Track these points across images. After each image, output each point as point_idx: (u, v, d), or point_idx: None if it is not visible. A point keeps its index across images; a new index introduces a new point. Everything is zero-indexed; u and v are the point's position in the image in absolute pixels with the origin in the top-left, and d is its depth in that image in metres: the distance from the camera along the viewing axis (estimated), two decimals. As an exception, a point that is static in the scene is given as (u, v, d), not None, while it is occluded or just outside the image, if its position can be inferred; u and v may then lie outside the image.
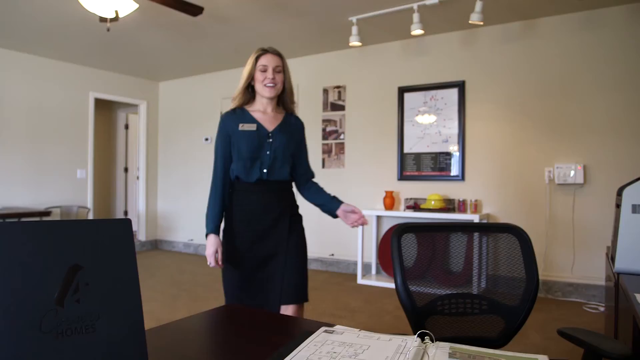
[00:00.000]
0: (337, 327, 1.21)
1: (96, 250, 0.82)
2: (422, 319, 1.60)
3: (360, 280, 5.18)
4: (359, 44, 4.72)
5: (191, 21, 4.62)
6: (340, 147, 5.80)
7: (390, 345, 1.08)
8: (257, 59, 2.12)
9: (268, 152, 2.11)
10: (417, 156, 5.26)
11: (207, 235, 2.17)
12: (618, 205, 2.16)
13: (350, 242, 5.54)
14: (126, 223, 0.87)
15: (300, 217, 2.27)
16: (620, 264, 2.05)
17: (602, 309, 4.04)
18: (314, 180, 2.36)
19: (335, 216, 2.26)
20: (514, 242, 1.60)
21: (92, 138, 6.74)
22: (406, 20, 4.45)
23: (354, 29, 4.62)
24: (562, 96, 4.52)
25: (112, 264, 0.83)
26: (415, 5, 4.25)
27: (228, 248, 2.17)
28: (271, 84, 2.09)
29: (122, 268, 0.84)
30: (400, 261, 1.62)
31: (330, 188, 6.02)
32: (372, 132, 5.58)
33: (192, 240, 7.26)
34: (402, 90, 5.35)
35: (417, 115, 5.29)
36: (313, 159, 6.03)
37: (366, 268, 5.47)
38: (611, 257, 2.34)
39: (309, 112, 6.03)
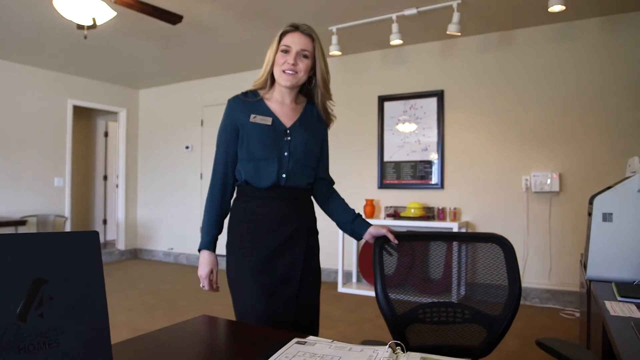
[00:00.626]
0: (310, 338, 1.21)
1: (62, 264, 0.81)
2: (402, 327, 1.61)
3: (341, 289, 5.19)
4: (339, 53, 4.76)
5: (171, 29, 4.61)
6: (321, 155, 5.81)
7: (361, 356, 1.08)
8: (281, 37, 1.71)
9: (286, 154, 1.70)
10: (397, 164, 5.30)
11: (200, 250, 1.78)
12: (590, 214, 2.20)
13: (331, 250, 5.54)
14: (93, 236, 0.86)
15: (317, 234, 1.86)
16: (591, 272, 2.09)
17: (578, 314, 4.11)
18: (333, 185, 1.96)
19: (360, 239, 1.86)
20: (498, 252, 1.61)
21: (70, 145, 6.65)
22: (385, 30, 4.50)
23: (334, 39, 4.66)
24: (538, 105, 4.61)
25: (78, 278, 0.83)
26: (394, 16, 4.30)
27: (231, 269, 1.77)
28: (290, 71, 1.68)
29: (88, 281, 0.84)
30: (380, 269, 1.64)
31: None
32: (353, 141, 5.61)
33: (172, 249, 7.19)
34: (382, 99, 5.40)
35: (397, 124, 5.34)
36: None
37: (347, 276, 5.48)
38: (584, 265, 2.39)
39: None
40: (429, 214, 4.95)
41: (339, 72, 5.75)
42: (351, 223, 1.84)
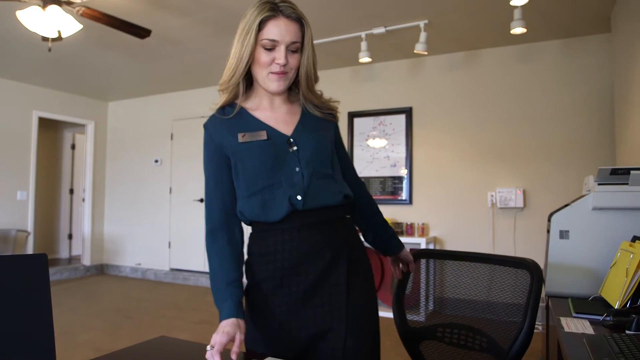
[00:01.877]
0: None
1: (8, 287, 0.79)
2: (416, 342, 1.63)
3: (310, 304, 5.16)
4: (309, 69, 4.79)
5: (140, 42, 4.58)
6: (292, 170, 5.82)
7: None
8: (260, 24, 1.26)
9: (298, 169, 1.30)
10: (367, 180, 5.35)
11: (221, 320, 1.21)
12: (548, 231, 2.27)
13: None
14: (41, 258, 0.85)
15: (364, 257, 1.41)
16: (549, 287, 2.15)
17: (541, 328, 4.18)
18: (364, 189, 1.55)
19: (384, 254, 1.61)
20: (525, 279, 1.51)
21: (34, 158, 6.49)
22: (355, 48, 4.57)
23: (304, 55, 4.69)
24: (502, 123, 4.73)
25: (24, 302, 0.81)
26: (363, 34, 4.37)
27: (250, 327, 1.32)
28: (281, 74, 1.29)
29: (35, 305, 0.82)
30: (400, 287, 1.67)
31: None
32: (323, 156, 5.63)
33: (139, 264, 7.05)
34: (352, 115, 5.46)
35: (367, 139, 5.40)
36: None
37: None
38: (543, 280, 2.45)
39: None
40: (397, 229, 4.99)
41: (309, 87, 5.79)
42: (383, 240, 1.56)
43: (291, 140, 1.32)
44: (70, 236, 8.32)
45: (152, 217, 6.97)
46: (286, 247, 1.28)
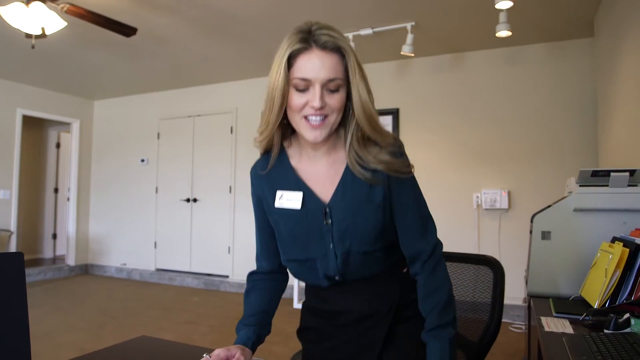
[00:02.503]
0: (255, 358, 1.21)
1: (-18, 287, 0.78)
2: None
3: (296, 305, 5.16)
4: (296, 69, 4.79)
5: (126, 40, 4.54)
6: (279, 170, 5.81)
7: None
8: (290, 59, 1.08)
9: (331, 245, 1.16)
10: (354, 180, 5.35)
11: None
12: (531, 232, 2.30)
13: (288, 265, 5.53)
14: (18, 257, 0.84)
15: (415, 319, 1.21)
16: (531, 287, 2.17)
17: (524, 328, 4.23)
18: (424, 263, 1.19)
19: None
20: (487, 275, 1.60)
21: (18, 156, 6.40)
22: (342, 49, 4.57)
23: (292, 55, 4.69)
24: (488, 125, 4.78)
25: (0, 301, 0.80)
26: (350, 35, 4.38)
27: None
28: (317, 118, 1.09)
29: (10, 305, 0.81)
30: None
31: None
32: (311, 156, 5.63)
33: (124, 264, 6.99)
34: (340, 116, 5.46)
35: (354, 140, 5.40)
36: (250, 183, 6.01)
37: (302, 292, 5.45)
38: (526, 280, 2.48)
39: (249, 136, 6.03)
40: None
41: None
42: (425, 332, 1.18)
43: (327, 210, 1.16)
44: (54, 236, 8.22)
45: (138, 217, 6.91)
46: (323, 302, 1.25)
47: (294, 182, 1.18)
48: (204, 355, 1.08)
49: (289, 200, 1.17)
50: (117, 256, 7.10)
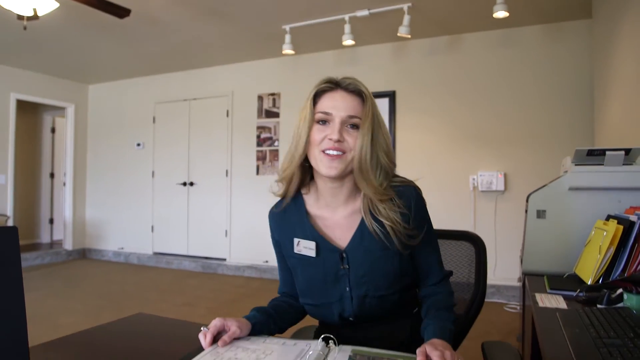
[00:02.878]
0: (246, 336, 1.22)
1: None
2: None
3: (294, 287, 5.19)
4: (292, 52, 4.76)
5: (120, 22, 4.49)
6: (275, 154, 5.81)
7: (294, 350, 1.09)
8: (315, 98, 1.20)
9: (348, 289, 1.21)
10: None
11: None
12: (526, 211, 2.31)
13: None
14: (12, 231, 0.84)
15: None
16: (526, 266, 2.19)
17: (519, 308, 4.27)
18: (437, 285, 1.28)
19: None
20: (469, 250, 1.64)
21: (12, 141, 6.37)
22: (338, 31, 4.54)
23: (287, 37, 4.66)
24: (484, 107, 4.77)
25: (-6, 276, 0.80)
26: (346, 17, 4.34)
27: None
28: (334, 151, 1.14)
29: (5, 280, 0.81)
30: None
31: (265, 195, 6.01)
32: (307, 140, 5.62)
33: (122, 248, 7.00)
34: (336, 99, 5.43)
35: (350, 123, 5.39)
36: (247, 166, 6.06)
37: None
38: (521, 259, 2.50)
39: (245, 120, 6.01)
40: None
41: (292, 71, 5.76)
42: (424, 327, 1.19)
43: (344, 255, 1.20)
44: (51, 221, 8.22)
45: (135, 201, 6.91)
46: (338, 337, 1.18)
47: (309, 231, 1.23)
48: (202, 328, 1.09)
49: (305, 247, 1.22)
50: (114, 240, 7.12)
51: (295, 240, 1.24)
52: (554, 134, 4.48)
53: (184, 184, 6.46)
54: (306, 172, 1.24)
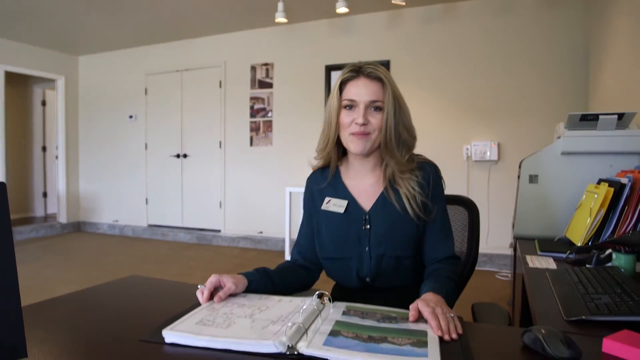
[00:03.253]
0: (243, 292, 1.23)
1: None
2: None
3: (288, 257, 5.23)
4: (284, 20, 4.69)
5: (108, -10, 4.40)
6: (268, 125, 5.77)
7: (289, 306, 1.10)
8: (341, 86, 1.34)
9: (367, 248, 1.33)
10: (345, 134, 5.34)
11: None
12: (519, 177, 2.32)
13: (278, 219, 5.57)
14: (0, 188, 0.83)
15: None
16: (518, 230, 2.21)
17: (510, 276, 4.34)
18: (442, 262, 1.35)
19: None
20: (463, 214, 1.67)
21: (2, 114, 6.28)
22: (332, -2, 4.47)
23: (280, 5, 4.58)
24: (479, 77, 4.74)
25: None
26: (340, -17, 4.27)
27: None
28: (360, 134, 1.30)
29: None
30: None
31: (259, 166, 6.00)
32: (300, 110, 5.59)
33: (116, 221, 7.01)
34: (329, 69, 5.38)
35: (344, 93, 5.35)
36: (241, 138, 6.04)
37: (294, 244, 5.52)
38: (513, 225, 2.52)
39: (238, 91, 5.95)
40: (374, 182, 5.03)
41: (286, 40, 5.68)
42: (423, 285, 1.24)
43: (367, 216, 1.34)
44: (45, 194, 8.19)
45: (128, 174, 6.88)
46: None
47: (342, 192, 1.39)
48: (199, 286, 1.11)
49: (334, 205, 1.37)
50: (108, 213, 7.11)
51: (327, 198, 1.39)
52: (548, 103, 4.47)
53: (178, 156, 6.42)
54: (340, 148, 1.40)
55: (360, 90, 1.30)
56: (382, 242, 1.31)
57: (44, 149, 8.18)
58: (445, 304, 1.07)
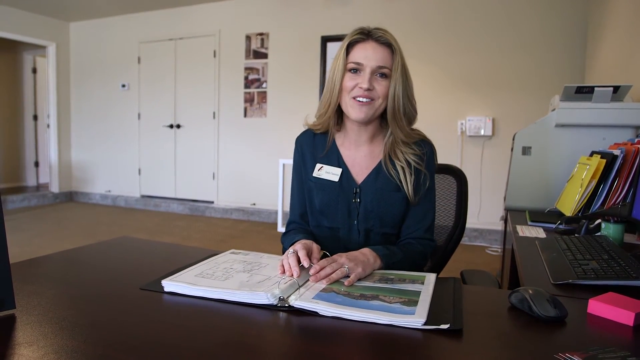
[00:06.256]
0: (243, 251, 1.25)
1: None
2: None
3: (280, 229, 5.26)
4: (281, -12, 4.60)
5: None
6: (263, 96, 5.72)
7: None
8: (347, 48, 1.26)
9: (356, 222, 1.31)
10: (339, 107, 5.30)
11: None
12: (512, 149, 2.32)
13: (271, 191, 5.57)
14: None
15: None
16: (509, 201, 2.22)
17: (500, 251, 4.38)
18: (415, 239, 1.33)
19: None
20: (452, 183, 1.70)
21: (-8, 81, 6.17)
22: (329, -34, 4.38)
23: (276, -27, 4.49)
24: (473, 52, 4.69)
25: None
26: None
27: None
28: (363, 99, 1.23)
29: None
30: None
31: (252, 137, 5.96)
32: (295, 81, 5.53)
33: (109, 191, 6.98)
34: (325, 40, 5.31)
35: (339, 65, 5.29)
36: (235, 109, 5.98)
37: (287, 217, 5.53)
38: (504, 197, 2.53)
39: (232, 61, 5.87)
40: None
41: (281, 10, 5.58)
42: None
43: (357, 190, 1.30)
44: (36, 164, 8.13)
45: (121, 144, 6.83)
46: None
47: (336, 160, 1.33)
48: (291, 250, 1.07)
49: (328, 173, 1.32)
50: (101, 183, 7.08)
51: (318, 165, 1.34)
52: (545, 79, 4.45)
53: (171, 126, 6.37)
54: (338, 115, 1.34)
55: (369, 54, 1.23)
56: (370, 218, 1.29)
57: (35, 117, 8.07)
58: (368, 266, 1.09)
